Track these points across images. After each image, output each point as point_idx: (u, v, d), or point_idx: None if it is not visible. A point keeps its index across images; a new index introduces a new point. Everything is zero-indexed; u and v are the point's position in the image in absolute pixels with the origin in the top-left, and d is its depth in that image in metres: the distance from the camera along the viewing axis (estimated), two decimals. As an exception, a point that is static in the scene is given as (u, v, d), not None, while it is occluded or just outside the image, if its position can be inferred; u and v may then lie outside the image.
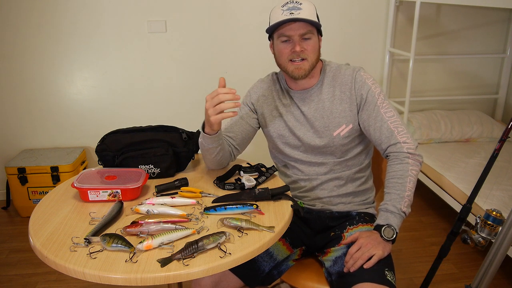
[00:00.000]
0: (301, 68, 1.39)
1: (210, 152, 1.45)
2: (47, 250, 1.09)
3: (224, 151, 1.48)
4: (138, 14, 2.76)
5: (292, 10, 1.35)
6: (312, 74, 1.45)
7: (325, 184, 1.51)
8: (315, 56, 1.40)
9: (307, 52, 1.38)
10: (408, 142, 1.38)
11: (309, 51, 1.38)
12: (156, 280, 1.01)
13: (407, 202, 1.32)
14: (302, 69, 1.39)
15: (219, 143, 1.43)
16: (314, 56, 1.40)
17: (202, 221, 1.23)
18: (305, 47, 1.38)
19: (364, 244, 1.28)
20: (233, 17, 2.85)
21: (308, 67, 1.40)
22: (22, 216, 2.79)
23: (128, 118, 2.95)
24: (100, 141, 1.53)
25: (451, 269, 2.24)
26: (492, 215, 1.20)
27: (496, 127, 2.95)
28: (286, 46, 1.39)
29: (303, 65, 1.39)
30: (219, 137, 1.40)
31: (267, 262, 1.42)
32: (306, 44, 1.38)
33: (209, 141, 1.40)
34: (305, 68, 1.39)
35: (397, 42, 3.04)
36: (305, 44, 1.38)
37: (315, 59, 1.41)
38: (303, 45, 1.37)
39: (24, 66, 2.78)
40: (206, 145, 1.42)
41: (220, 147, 1.44)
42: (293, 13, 1.34)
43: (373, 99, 1.42)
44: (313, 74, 1.46)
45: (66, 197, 1.38)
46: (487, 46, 3.16)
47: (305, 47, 1.38)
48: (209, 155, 1.47)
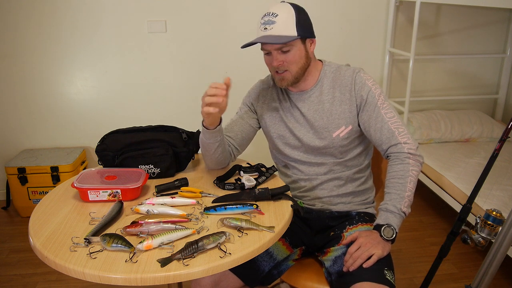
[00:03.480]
0: (283, 79, 1.42)
1: (209, 148, 1.45)
2: (47, 250, 1.09)
3: (224, 150, 1.48)
4: (138, 14, 2.76)
5: (266, 25, 1.35)
6: (305, 78, 1.46)
7: (325, 184, 1.51)
8: (298, 65, 1.40)
9: (287, 64, 1.39)
10: (409, 142, 1.38)
11: (289, 63, 1.38)
12: (156, 280, 1.01)
13: (407, 202, 1.32)
14: (285, 80, 1.41)
15: (218, 139, 1.43)
16: (296, 66, 1.39)
17: (202, 221, 1.23)
18: (283, 59, 1.38)
19: (364, 244, 1.28)
20: (233, 17, 2.85)
21: (291, 77, 1.41)
22: (22, 216, 2.79)
23: (128, 118, 2.95)
24: (100, 141, 1.53)
25: (451, 269, 2.24)
26: (492, 215, 1.20)
27: (496, 127, 2.95)
28: (269, 58, 1.41)
29: (285, 76, 1.41)
30: (218, 133, 1.41)
31: (267, 262, 1.42)
32: (285, 57, 1.38)
33: (208, 136, 1.41)
34: (287, 79, 1.41)
35: (397, 42, 3.04)
36: (283, 57, 1.37)
37: (299, 67, 1.40)
38: (281, 58, 1.37)
39: (24, 66, 2.78)
40: (205, 140, 1.43)
41: (218, 144, 1.44)
42: (266, 28, 1.35)
43: (374, 100, 1.42)
44: (306, 78, 1.46)
45: (66, 197, 1.38)
46: (487, 46, 3.16)
47: (283, 59, 1.38)
48: (208, 151, 1.47)
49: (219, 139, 1.43)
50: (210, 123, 1.37)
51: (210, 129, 1.39)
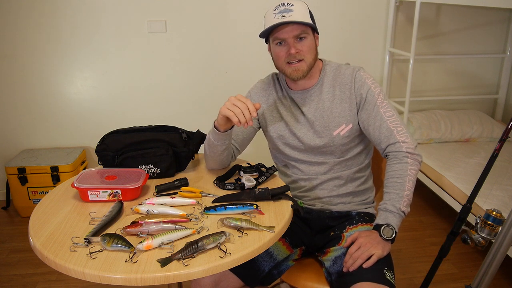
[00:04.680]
0: (298, 69, 1.39)
1: (215, 150, 1.45)
2: (47, 250, 1.09)
3: (229, 153, 1.50)
4: (138, 14, 2.76)
5: (283, 13, 1.35)
6: (311, 74, 1.45)
7: (325, 184, 1.51)
8: (312, 55, 1.40)
9: (303, 53, 1.38)
10: (407, 141, 1.38)
11: (305, 51, 1.38)
12: (156, 280, 1.01)
13: (406, 201, 1.32)
14: (300, 70, 1.39)
15: (226, 143, 1.43)
16: (311, 55, 1.40)
17: (202, 221, 1.23)
18: (300, 48, 1.37)
19: (364, 244, 1.28)
20: (233, 17, 2.85)
21: (306, 67, 1.40)
22: (22, 216, 2.79)
23: (128, 118, 2.95)
24: (100, 141, 1.53)
25: (451, 269, 2.24)
26: (492, 215, 1.20)
27: (496, 127, 2.95)
28: (282, 49, 1.39)
29: (301, 66, 1.39)
30: (227, 136, 1.41)
31: (267, 262, 1.42)
32: (301, 45, 1.37)
33: (217, 137, 1.41)
34: (303, 69, 1.39)
35: (397, 42, 3.04)
36: (300, 45, 1.37)
37: (312, 58, 1.41)
38: (298, 46, 1.37)
39: (24, 66, 2.78)
40: (213, 141, 1.43)
41: (225, 147, 1.45)
42: (284, 16, 1.35)
43: (373, 99, 1.42)
44: (312, 74, 1.46)
45: (66, 197, 1.38)
46: (487, 46, 3.16)
47: (300, 48, 1.37)
48: (214, 152, 1.47)
49: (227, 142, 1.43)
50: (222, 124, 1.37)
51: (220, 131, 1.39)
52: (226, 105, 1.31)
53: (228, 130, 1.39)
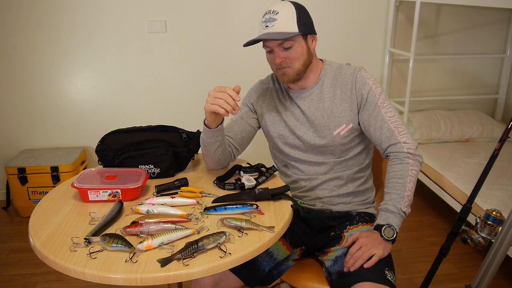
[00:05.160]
0: (285, 74, 1.42)
1: (209, 148, 1.45)
2: (47, 250, 1.09)
3: (224, 150, 1.48)
4: (138, 14, 2.76)
5: (267, 23, 1.36)
6: (307, 75, 1.46)
7: (325, 184, 1.51)
8: (301, 62, 1.40)
9: (289, 61, 1.39)
10: (408, 142, 1.38)
11: (291, 59, 1.39)
12: (156, 280, 1.01)
13: (407, 202, 1.32)
14: (287, 74, 1.42)
15: (219, 139, 1.43)
16: (298, 62, 1.40)
17: (202, 221, 1.23)
18: (285, 56, 1.38)
19: (365, 244, 1.28)
20: (233, 17, 2.85)
21: (293, 73, 1.41)
22: (22, 216, 2.79)
23: (128, 118, 2.95)
24: (100, 141, 1.53)
25: (451, 269, 2.24)
26: (492, 215, 1.20)
27: (496, 127, 2.95)
28: (271, 56, 1.42)
29: (287, 71, 1.41)
30: (219, 132, 1.41)
31: (267, 262, 1.42)
32: (287, 54, 1.38)
33: (209, 135, 1.41)
34: (289, 74, 1.41)
35: (397, 42, 3.04)
36: (285, 53, 1.38)
37: (302, 64, 1.41)
38: (283, 55, 1.38)
39: (24, 66, 2.78)
40: (206, 139, 1.43)
41: (219, 144, 1.44)
42: (268, 26, 1.36)
43: (374, 99, 1.42)
44: (307, 75, 1.46)
45: (66, 197, 1.38)
46: (487, 46, 3.16)
47: (285, 56, 1.38)
48: (208, 151, 1.47)
49: (220, 138, 1.43)
50: (212, 121, 1.37)
51: (211, 128, 1.39)
52: (208, 101, 1.31)
53: (219, 126, 1.40)
